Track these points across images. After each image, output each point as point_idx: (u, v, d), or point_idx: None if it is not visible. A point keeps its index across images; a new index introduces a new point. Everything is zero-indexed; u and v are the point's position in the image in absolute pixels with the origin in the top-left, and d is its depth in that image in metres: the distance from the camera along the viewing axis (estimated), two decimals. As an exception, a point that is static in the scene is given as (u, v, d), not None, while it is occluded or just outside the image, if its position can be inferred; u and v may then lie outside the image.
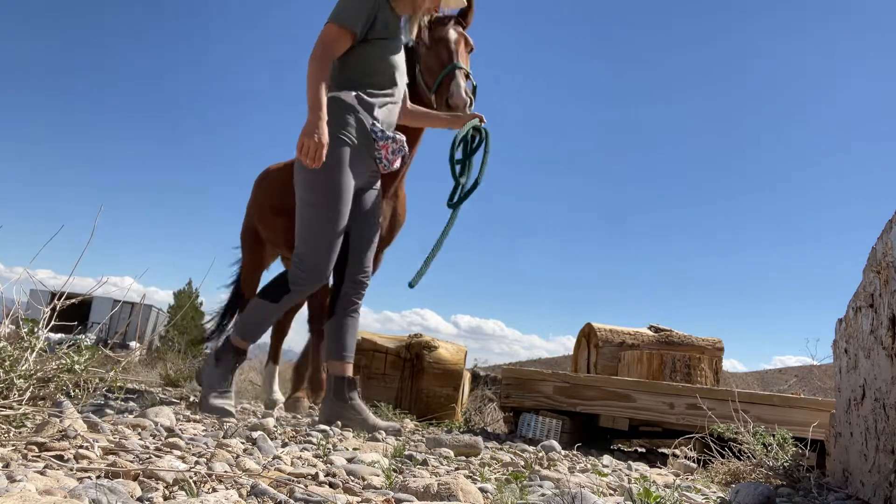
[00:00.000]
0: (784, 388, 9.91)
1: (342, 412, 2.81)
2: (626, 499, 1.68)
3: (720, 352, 5.50)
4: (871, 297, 1.97)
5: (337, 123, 2.70)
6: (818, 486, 2.23)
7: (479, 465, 2.15)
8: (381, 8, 2.81)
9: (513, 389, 3.70)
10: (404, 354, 4.17)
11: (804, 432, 2.77)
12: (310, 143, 2.56)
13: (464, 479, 1.50)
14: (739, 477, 2.46)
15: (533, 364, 29.29)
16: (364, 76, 2.80)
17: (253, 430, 2.13)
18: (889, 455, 1.71)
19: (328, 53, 2.71)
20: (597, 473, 2.27)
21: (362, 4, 2.75)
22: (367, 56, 2.80)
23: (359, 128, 2.75)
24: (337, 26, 2.72)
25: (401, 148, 2.84)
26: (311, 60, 2.68)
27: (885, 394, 1.78)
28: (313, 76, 2.65)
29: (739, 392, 3.38)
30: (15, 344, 1.70)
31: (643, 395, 3.54)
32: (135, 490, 1.21)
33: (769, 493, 1.82)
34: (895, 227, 1.77)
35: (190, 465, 1.48)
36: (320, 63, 2.67)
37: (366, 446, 2.24)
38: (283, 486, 1.38)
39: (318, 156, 2.57)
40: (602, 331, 5.62)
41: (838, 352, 2.50)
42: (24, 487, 1.10)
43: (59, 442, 1.49)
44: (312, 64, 2.67)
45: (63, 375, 1.75)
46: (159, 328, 19.89)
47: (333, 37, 2.72)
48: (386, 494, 1.42)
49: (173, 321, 18.85)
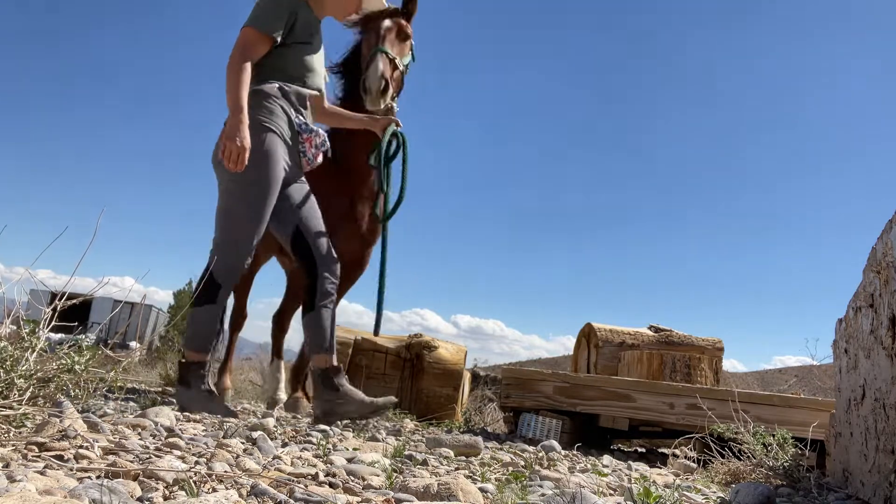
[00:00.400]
0: (784, 388, 9.91)
1: (335, 401, 2.80)
2: (626, 499, 1.68)
3: (720, 352, 5.50)
4: (871, 297, 1.97)
5: (263, 113, 2.72)
6: (818, 486, 2.23)
7: (479, 465, 2.15)
8: (300, 11, 2.84)
9: (513, 389, 3.70)
10: (404, 354, 4.17)
11: (804, 432, 2.77)
12: (232, 147, 2.57)
13: (464, 479, 1.50)
14: (739, 477, 2.46)
15: (533, 364, 29.30)
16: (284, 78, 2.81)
17: (253, 430, 2.13)
18: (889, 455, 1.71)
19: (247, 57, 2.71)
20: (597, 473, 2.27)
21: (280, 8, 2.77)
22: (284, 59, 2.82)
23: (285, 118, 2.77)
24: (255, 30, 2.74)
25: (323, 143, 2.88)
26: (229, 65, 2.68)
27: (885, 394, 1.78)
28: (233, 80, 2.65)
29: (739, 392, 3.38)
30: (15, 344, 1.70)
31: (643, 395, 3.54)
32: (135, 490, 1.21)
33: (769, 493, 1.83)
34: (895, 227, 1.78)
35: (190, 465, 1.48)
36: (239, 67, 2.68)
37: (366, 446, 2.24)
38: (283, 486, 1.38)
39: (240, 160, 2.59)
40: (602, 331, 5.62)
41: (838, 352, 2.50)
42: (24, 487, 1.10)
43: (59, 442, 1.49)
44: (231, 68, 2.68)
45: (63, 375, 1.75)
46: (159, 328, 19.89)
47: (252, 41, 2.74)
48: (386, 494, 1.42)
49: (173, 321, 18.85)
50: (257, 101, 2.72)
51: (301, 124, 2.81)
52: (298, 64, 2.85)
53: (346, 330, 4.43)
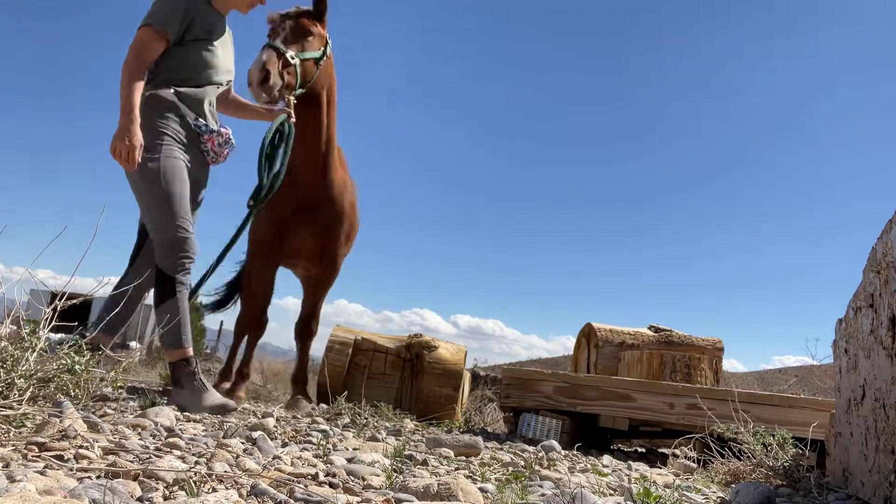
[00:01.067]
0: (784, 388, 9.91)
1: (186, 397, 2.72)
2: (626, 499, 1.68)
3: (720, 352, 5.50)
4: (871, 297, 1.97)
5: (157, 119, 2.74)
6: (818, 486, 2.23)
7: (479, 465, 2.15)
8: (198, 8, 2.84)
9: (513, 389, 3.70)
10: (404, 354, 4.17)
11: (804, 432, 2.76)
12: (121, 147, 2.59)
13: (464, 479, 1.50)
14: (739, 477, 2.46)
15: (533, 364, 29.30)
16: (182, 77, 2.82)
17: (253, 430, 2.13)
18: (889, 455, 1.71)
19: (142, 57, 2.73)
20: (597, 473, 2.27)
21: (176, 6, 2.77)
22: (183, 58, 2.83)
23: (181, 122, 2.79)
24: (150, 30, 2.75)
25: (227, 141, 2.91)
26: (124, 64, 2.70)
27: (885, 394, 1.78)
28: (126, 80, 2.67)
29: (739, 392, 3.38)
30: (15, 344, 1.70)
31: (643, 395, 3.54)
32: (135, 490, 1.21)
33: (769, 493, 1.83)
34: (895, 227, 1.78)
35: (190, 465, 1.48)
36: (134, 67, 2.69)
37: (366, 446, 2.25)
38: (283, 486, 1.38)
39: (130, 158, 2.61)
40: (602, 331, 5.62)
41: (838, 352, 2.50)
42: (24, 487, 1.10)
43: (59, 442, 1.49)
44: (126, 68, 2.69)
45: (63, 375, 1.75)
46: (159, 328, 19.88)
47: (147, 40, 2.74)
48: (386, 494, 1.42)
49: (173, 321, 18.80)
50: (152, 106, 2.74)
51: (200, 126, 2.83)
52: (198, 62, 2.86)
53: (346, 330, 4.43)
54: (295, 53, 3.12)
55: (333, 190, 3.55)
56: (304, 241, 3.60)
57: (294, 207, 3.49)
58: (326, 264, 3.73)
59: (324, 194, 3.52)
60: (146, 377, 5.99)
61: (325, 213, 3.55)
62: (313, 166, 3.46)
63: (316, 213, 3.52)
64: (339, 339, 4.19)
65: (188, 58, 2.83)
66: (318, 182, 3.49)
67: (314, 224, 3.53)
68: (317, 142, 3.42)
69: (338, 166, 3.56)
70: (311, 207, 3.51)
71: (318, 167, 3.47)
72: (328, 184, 3.52)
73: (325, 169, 3.49)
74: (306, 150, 3.38)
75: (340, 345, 4.14)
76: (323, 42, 3.31)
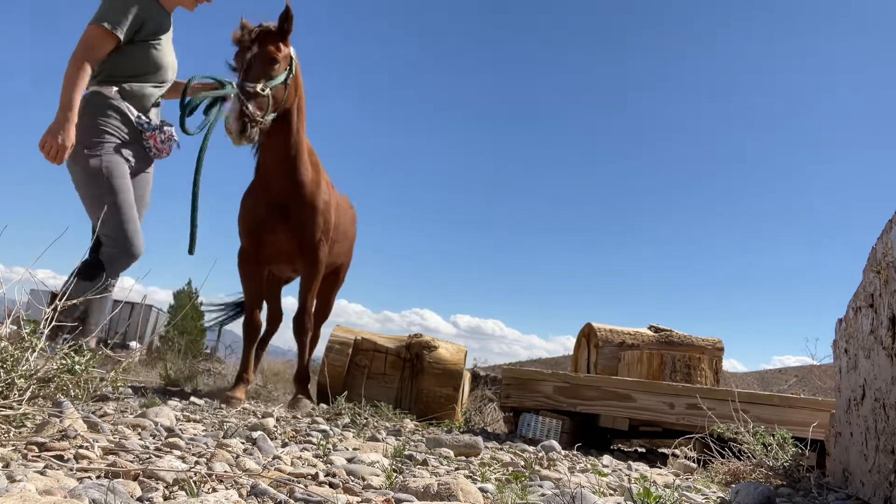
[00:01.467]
0: (784, 388, 9.91)
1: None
2: (626, 499, 1.68)
3: (720, 352, 5.50)
4: (871, 297, 1.97)
5: (98, 116, 2.77)
6: (818, 486, 2.23)
7: (479, 465, 2.15)
8: (147, 7, 2.87)
9: (513, 389, 3.70)
10: (404, 354, 4.17)
11: (804, 432, 2.76)
12: (52, 142, 2.60)
13: (464, 479, 1.50)
14: (739, 477, 2.46)
15: (533, 364, 29.30)
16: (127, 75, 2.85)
17: (253, 430, 2.13)
18: (889, 455, 1.71)
19: (89, 56, 2.74)
20: (597, 473, 2.27)
21: (126, 6, 2.79)
22: (132, 57, 2.86)
23: (123, 119, 2.82)
24: (102, 30, 2.76)
25: (169, 138, 2.97)
26: (71, 60, 2.70)
27: (885, 394, 1.78)
28: (70, 76, 2.68)
29: (739, 392, 3.38)
30: (15, 344, 1.70)
31: (643, 395, 3.54)
32: (135, 490, 1.21)
33: (769, 493, 1.83)
34: (895, 227, 1.78)
35: (190, 465, 1.48)
36: (79, 64, 2.70)
37: (366, 446, 2.25)
38: (283, 486, 1.38)
39: (59, 157, 2.61)
40: (602, 331, 5.62)
41: (838, 352, 2.50)
42: (24, 487, 1.10)
43: (59, 442, 1.49)
44: (72, 64, 2.70)
45: (63, 375, 1.75)
46: (159, 328, 19.88)
47: (98, 40, 2.76)
48: (386, 494, 1.42)
49: (173, 321, 18.84)
50: (95, 104, 2.78)
51: (143, 123, 2.87)
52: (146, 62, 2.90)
53: (346, 330, 4.43)
54: (265, 84, 3.27)
55: (304, 190, 3.67)
56: (281, 242, 3.74)
57: (267, 212, 3.66)
58: (307, 259, 3.81)
59: (294, 196, 3.64)
60: (146, 377, 5.99)
61: (296, 213, 3.66)
62: (283, 171, 3.60)
63: (288, 214, 3.65)
64: (339, 338, 4.20)
65: (135, 56, 2.87)
66: (287, 185, 3.63)
67: (287, 224, 3.66)
68: (286, 149, 3.57)
69: (308, 169, 3.68)
70: (283, 209, 3.64)
71: (287, 172, 3.61)
72: (298, 186, 3.64)
73: (294, 172, 3.61)
74: (276, 156, 3.57)
75: (340, 345, 4.15)
76: (288, 62, 3.44)
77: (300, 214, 3.66)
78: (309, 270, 3.84)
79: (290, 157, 3.58)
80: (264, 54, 3.31)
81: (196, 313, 18.66)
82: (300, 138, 3.60)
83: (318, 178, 3.76)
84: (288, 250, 3.77)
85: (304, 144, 3.64)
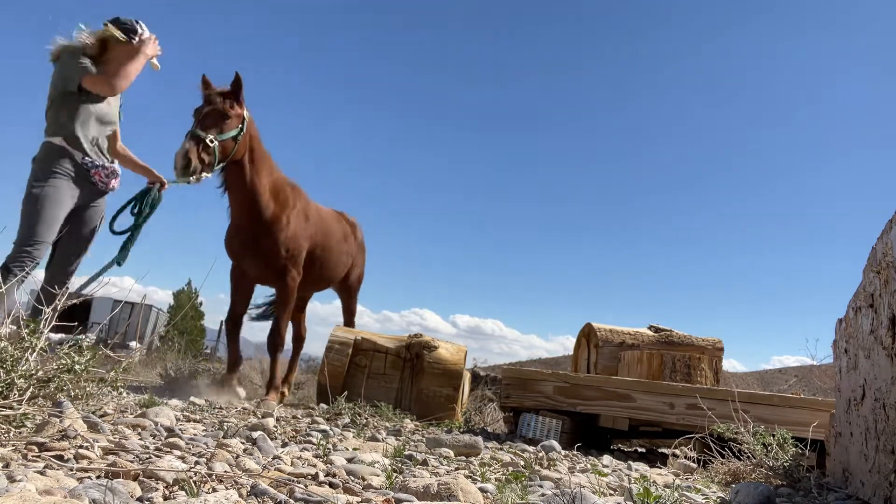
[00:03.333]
0: (784, 388, 9.91)
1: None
2: (626, 499, 1.68)
3: (720, 352, 5.49)
4: (871, 297, 1.97)
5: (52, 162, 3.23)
6: (818, 486, 2.23)
7: (479, 465, 2.15)
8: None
9: (513, 389, 3.70)
10: (404, 354, 4.17)
11: (804, 432, 2.76)
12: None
13: (464, 479, 1.50)
14: (739, 477, 2.46)
15: (533, 364, 29.28)
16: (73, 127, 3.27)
17: (253, 430, 2.13)
18: (889, 455, 1.70)
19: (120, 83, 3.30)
20: (597, 473, 2.27)
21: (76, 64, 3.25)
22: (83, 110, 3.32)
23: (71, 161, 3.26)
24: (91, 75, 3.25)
25: (112, 172, 3.43)
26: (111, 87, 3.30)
27: (885, 394, 1.78)
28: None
29: (739, 392, 3.38)
30: (15, 344, 1.70)
31: (643, 395, 3.54)
32: (135, 490, 1.21)
33: (769, 493, 1.82)
34: (895, 227, 1.78)
35: (190, 465, 1.48)
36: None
37: (366, 446, 2.25)
38: (283, 486, 1.38)
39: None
40: (602, 331, 5.62)
41: (838, 352, 2.50)
42: (24, 487, 1.10)
43: (59, 442, 1.49)
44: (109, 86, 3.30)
45: (63, 375, 1.75)
46: (159, 328, 19.88)
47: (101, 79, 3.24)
48: (386, 494, 1.42)
49: (173, 321, 18.84)
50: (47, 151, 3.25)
51: (87, 162, 3.31)
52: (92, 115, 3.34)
53: (346, 330, 4.43)
54: (214, 136, 3.74)
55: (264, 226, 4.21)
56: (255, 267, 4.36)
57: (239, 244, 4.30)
58: (277, 283, 4.44)
59: (257, 231, 4.21)
60: (146, 377, 5.99)
61: (262, 243, 4.23)
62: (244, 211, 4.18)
63: (256, 245, 4.25)
64: (339, 339, 4.20)
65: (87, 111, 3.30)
66: (248, 222, 4.20)
67: (256, 253, 4.28)
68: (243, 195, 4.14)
69: (269, 206, 4.21)
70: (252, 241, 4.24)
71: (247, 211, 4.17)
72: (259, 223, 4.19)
73: (253, 211, 4.16)
74: (237, 199, 4.17)
75: (340, 345, 4.15)
76: (240, 120, 3.92)
77: (264, 245, 4.24)
78: (280, 292, 4.43)
79: (249, 199, 4.12)
80: (216, 111, 3.83)
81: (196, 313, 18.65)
82: (256, 182, 4.13)
83: (281, 213, 4.29)
84: (263, 273, 4.40)
85: (262, 187, 4.17)
